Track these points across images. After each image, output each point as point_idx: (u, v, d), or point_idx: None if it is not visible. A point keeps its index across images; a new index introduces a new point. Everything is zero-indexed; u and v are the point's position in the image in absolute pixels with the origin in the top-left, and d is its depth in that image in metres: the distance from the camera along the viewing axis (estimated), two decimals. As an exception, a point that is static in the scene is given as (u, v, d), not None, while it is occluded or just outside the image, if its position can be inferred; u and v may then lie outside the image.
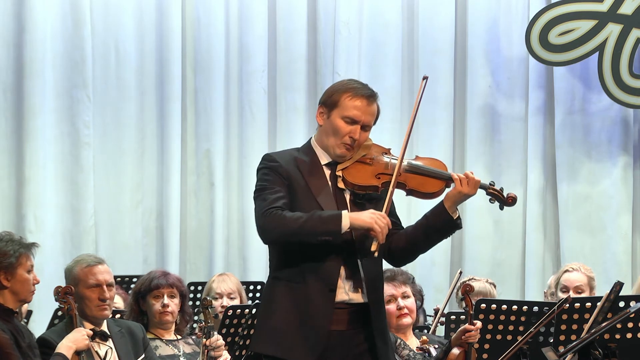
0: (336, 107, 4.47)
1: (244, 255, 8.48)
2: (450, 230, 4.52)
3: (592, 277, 6.56)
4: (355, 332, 4.45)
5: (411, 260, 4.70)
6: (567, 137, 8.70)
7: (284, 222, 4.32)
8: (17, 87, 8.19)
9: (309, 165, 4.48)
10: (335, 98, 4.49)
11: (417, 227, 4.53)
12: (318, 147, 4.53)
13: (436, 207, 4.49)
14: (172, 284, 5.83)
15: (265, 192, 4.40)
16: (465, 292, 5.51)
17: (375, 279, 4.50)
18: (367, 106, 4.48)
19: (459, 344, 5.48)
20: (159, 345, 5.74)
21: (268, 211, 4.34)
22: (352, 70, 8.56)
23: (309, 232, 4.33)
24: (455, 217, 4.47)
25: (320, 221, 4.32)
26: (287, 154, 4.57)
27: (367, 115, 4.48)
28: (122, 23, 8.38)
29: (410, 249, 4.57)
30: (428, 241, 4.55)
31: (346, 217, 4.31)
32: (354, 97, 4.47)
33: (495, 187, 4.52)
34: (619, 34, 8.45)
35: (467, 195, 4.46)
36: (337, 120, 4.46)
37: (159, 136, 8.43)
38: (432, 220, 4.48)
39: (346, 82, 4.57)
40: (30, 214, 8.13)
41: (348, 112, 4.45)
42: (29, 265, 4.91)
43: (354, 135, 4.45)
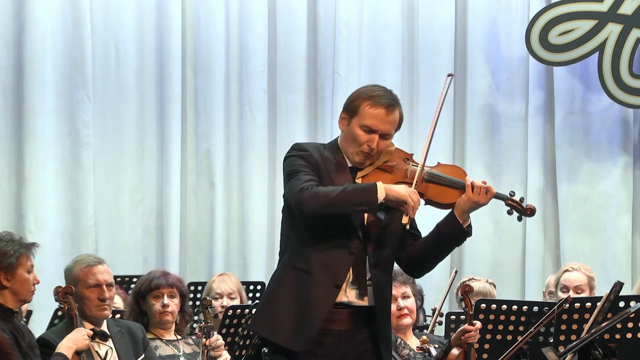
0: (356, 115, 4.45)
1: (244, 255, 8.48)
2: (460, 239, 4.50)
3: (592, 277, 6.57)
4: (356, 332, 4.45)
5: (428, 271, 4.68)
6: (567, 137, 8.69)
7: (320, 195, 4.30)
8: (17, 87, 8.19)
9: (335, 164, 4.47)
10: (355, 105, 4.46)
11: (429, 237, 4.54)
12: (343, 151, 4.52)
13: (447, 216, 4.48)
14: (172, 284, 5.83)
15: (300, 174, 4.39)
16: (464, 293, 5.51)
17: (385, 286, 4.49)
18: (385, 115, 4.44)
19: (458, 344, 5.48)
20: (159, 345, 5.74)
21: (304, 187, 4.33)
22: (352, 70, 8.57)
23: (346, 201, 4.30)
24: (465, 225, 4.45)
25: (355, 191, 4.30)
26: (314, 146, 4.56)
27: (385, 125, 4.44)
28: (122, 23, 8.38)
29: (424, 259, 4.58)
30: (440, 250, 4.55)
31: (382, 188, 4.28)
32: (373, 106, 4.43)
33: (514, 198, 4.50)
34: (619, 34, 8.45)
35: (477, 203, 4.43)
36: (355, 128, 4.44)
37: (159, 136, 8.43)
38: (443, 228, 4.48)
39: (369, 88, 4.51)
40: (30, 214, 8.13)
41: (366, 121, 4.43)
42: (29, 266, 4.91)
43: (371, 144, 4.44)
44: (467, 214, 4.46)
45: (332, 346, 4.41)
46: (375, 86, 4.54)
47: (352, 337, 4.44)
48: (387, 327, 4.54)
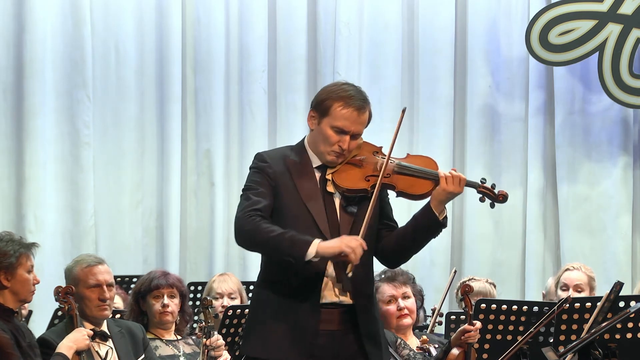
0: (326, 115, 4.42)
1: (244, 255, 8.47)
2: (436, 230, 4.47)
3: (592, 277, 6.57)
4: (348, 331, 4.43)
5: (404, 261, 4.67)
6: (567, 137, 8.69)
7: (255, 231, 4.33)
8: (17, 87, 8.19)
9: (300, 167, 4.46)
10: (326, 105, 4.42)
11: (405, 227, 4.52)
12: (310, 149, 4.50)
13: (423, 207, 4.46)
14: (172, 284, 5.83)
15: (249, 192, 4.39)
16: (464, 293, 5.51)
17: (362, 282, 4.46)
18: (357, 117, 4.42)
19: (458, 344, 5.49)
20: (159, 346, 5.74)
21: (246, 214, 4.34)
22: (352, 70, 8.56)
23: (275, 249, 4.35)
24: (441, 217, 4.43)
25: (289, 242, 4.30)
26: (279, 153, 4.54)
27: (356, 125, 4.43)
28: (122, 23, 8.38)
29: (400, 250, 4.54)
30: (416, 241, 4.52)
31: (314, 246, 4.26)
32: (344, 107, 4.40)
33: (485, 185, 4.49)
34: (619, 34, 8.45)
35: (452, 193, 4.42)
36: (326, 128, 4.42)
37: (159, 136, 8.43)
38: (419, 220, 4.46)
39: (340, 87, 4.47)
40: (30, 214, 8.13)
41: (337, 122, 4.41)
42: (29, 266, 4.91)
43: (342, 145, 4.42)
44: (443, 205, 4.44)
45: (325, 346, 4.40)
46: (345, 84, 4.50)
47: (344, 336, 4.43)
48: (371, 323, 4.49)
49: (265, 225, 4.33)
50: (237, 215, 4.40)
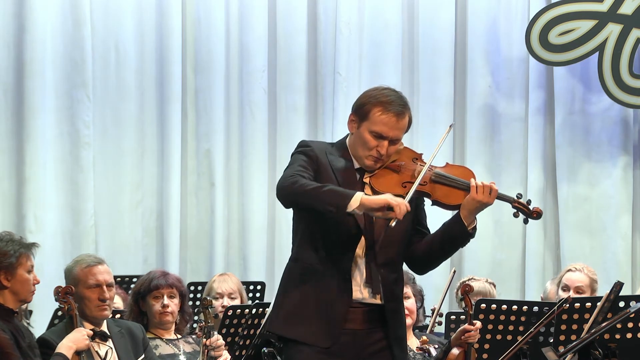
0: (366, 119, 4.44)
1: (244, 255, 8.48)
2: (464, 240, 4.49)
3: (594, 280, 6.55)
4: (370, 332, 4.44)
5: (431, 269, 4.69)
6: (567, 137, 8.69)
7: (298, 183, 4.29)
8: (17, 87, 8.19)
9: (342, 163, 4.47)
10: (366, 109, 4.44)
11: (434, 235, 4.54)
12: (350, 151, 4.51)
13: (453, 217, 4.47)
14: (172, 284, 5.83)
15: (293, 165, 4.40)
16: (464, 292, 5.51)
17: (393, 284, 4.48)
18: (396, 122, 4.44)
19: (458, 344, 5.49)
20: (159, 345, 5.74)
21: (290, 173, 4.34)
22: (352, 70, 8.57)
23: (317, 198, 4.27)
24: (470, 227, 4.43)
25: (332, 191, 4.26)
26: (321, 144, 4.57)
27: (395, 131, 4.44)
28: (122, 23, 8.37)
29: (428, 257, 4.57)
30: (443, 250, 4.54)
31: (357, 198, 4.22)
32: (384, 113, 4.42)
33: (520, 200, 4.48)
34: (619, 34, 8.45)
35: (482, 203, 4.41)
36: (365, 133, 4.44)
37: (159, 136, 8.42)
38: (448, 229, 4.48)
39: (380, 92, 4.49)
40: (30, 214, 8.13)
41: (376, 128, 4.42)
42: (29, 266, 4.91)
43: (380, 150, 4.43)
44: (474, 215, 4.44)
45: (347, 345, 4.41)
46: (386, 89, 4.51)
47: (366, 336, 4.44)
48: (400, 327, 4.53)
49: (309, 181, 4.31)
50: (283, 175, 4.38)
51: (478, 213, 4.45)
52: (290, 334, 4.44)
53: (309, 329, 4.39)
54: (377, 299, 4.43)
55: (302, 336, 4.40)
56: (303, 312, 4.40)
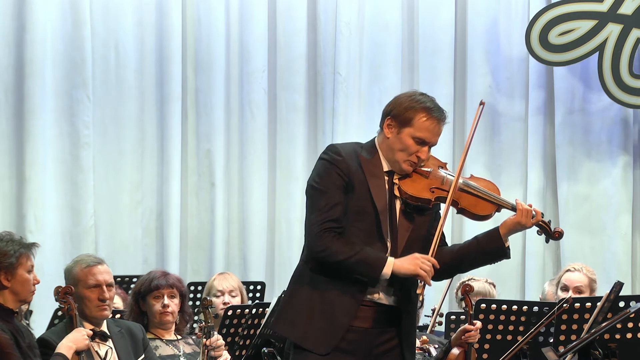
0: (409, 125, 4.46)
1: (244, 255, 8.48)
2: (497, 257, 4.55)
3: (593, 279, 6.56)
4: (380, 331, 4.45)
5: (449, 277, 4.83)
6: (567, 136, 8.69)
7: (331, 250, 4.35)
8: (17, 87, 8.19)
9: (372, 165, 4.48)
10: (409, 115, 4.46)
11: (465, 247, 4.57)
12: (382, 154, 4.52)
13: (490, 232, 4.52)
14: (172, 285, 5.83)
15: (322, 199, 4.40)
16: (464, 292, 5.51)
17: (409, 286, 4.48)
18: (438, 128, 4.50)
19: (458, 344, 5.49)
20: (159, 345, 5.74)
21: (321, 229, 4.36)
22: (352, 70, 8.57)
23: (350, 269, 4.36)
24: (506, 245, 4.50)
25: (363, 262, 4.32)
26: (350, 147, 4.55)
27: (435, 137, 4.51)
28: (122, 23, 8.38)
29: (453, 267, 4.59)
30: (473, 263, 4.59)
31: (389, 265, 4.31)
32: (429, 119, 4.47)
33: (544, 220, 4.55)
34: (619, 34, 8.45)
35: (525, 226, 4.49)
36: (407, 138, 4.45)
37: (159, 136, 8.43)
38: (483, 243, 4.51)
39: (420, 97, 4.52)
40: (30, 214, 8.13)
41: (420, 134, 4.46)
42: (29, 266, 4.91)
43: (421, 155, 4.47)
44: (509, 235, 4.51)
45: (355, 342, 4.41)
46: (423, 95, 4.55)
47: (375, 336, 4.44)
48: (412, 329, 4.56)
49: (338, 245, 4.36)
50: (309, 228, 4.42)
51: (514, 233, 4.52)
52: (290, 335, 4.46)
53: (312, 332, 4.39)
54: (390, 300, 4.44)
55: (300, 339, 4.41)
56: (306, 314, 4.41)
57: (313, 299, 4.41)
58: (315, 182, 4.46)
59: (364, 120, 8.57)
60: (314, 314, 4.40)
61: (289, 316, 4.46)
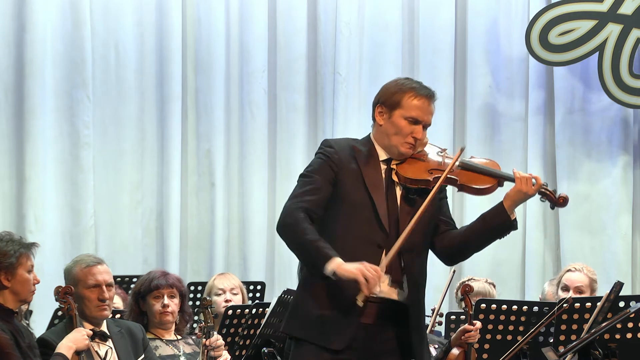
0: (398, 107, 4.48)
1: (244, 255, 8.48)
2: (505, 231, 4.51)
3: (594, 280, 6.56)
4: (382, 328, 4.44)
5: (462, 260, 4.77)
6: (567, 136, 8.70)
7: (294, 230, 4.37)
8: (17, 87, 8.19)
9: (366, 156, 4.50)
10: (396, 98, 4.49)
11: (472, 226, 4.55)
12: (377, 144, 4.54)
13: (495, 207, 4.51)
14: (172, 285, 5.83)
15: (306, 181, 4.46)
16: (464, 293, 5.52)
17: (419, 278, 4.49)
18: (428, 106, 4.51)
19: (458, 344, 5.49)
20: (159, 345, 5.74)
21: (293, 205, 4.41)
22: (352, 70, 8.57)
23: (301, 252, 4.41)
24: (513, 217, 4.48)
25: (315, 250, 4.33)
26: (345, 141, 4.61)
27: (427, 115, 4.51)
28: (122, 23, 8.37)
29: (463, 248, 4.58)
30: (481, 241, 4.56)
31: (333, 264, 4.28)
32: (416, 97, 4.49)
33: (548, 188, 4.53)
34: (619, 34, 8.45)
35: (527, 194, 4.48)
36: (399, 120, 4.48)
37: (159, 136, 8.42)
38: (489, 219, 4.50)
39: (404, 81, 4.56)
40: (30, 214, 8.13)
41: (411, 113, 4.47)
42: (29, 265, 4.91)
43: (417, 134, 4.48)
44: (515, 206, 4.49)
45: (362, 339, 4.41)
46: (407, 79, 4.59)
47: (379, 332, 4.44)
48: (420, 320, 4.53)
49: (304, 225, 4.36)
50: (287, 202, 4.46)
51: (519, 204, 4.50)
52: (306, 335, 4.44)
53: (325, 330, 4.38)
54: (396, 294, 4.42)
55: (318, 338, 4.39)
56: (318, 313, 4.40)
57: (323, 297, 4.40)
58: (305, 170, 4.52)
59: (364, 120, 8.55)
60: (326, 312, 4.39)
61: (302, 317, 4.45)
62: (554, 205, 4.55)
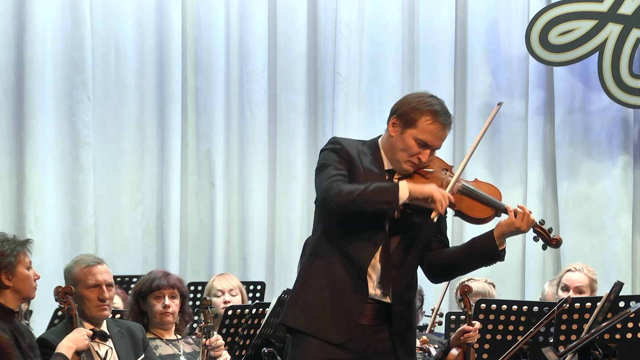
0: (412, 126, 4.44)
1: (244, 255, 8.48)
2: (492, 259, 4.52)
3: (594, 280, 6.55)
4: (377, 329, 4.44)
5: (447, 280, 4.86)
6: (567, 136, 8.70)
7: (344, 193, 4.31)
8: (17, 87, 8.19)
9: (372, 161, 4.49)
10: (414, 117, 4.44)
11: (461, 249, 4.56)
12: (384, 152, 4.52)
13: (485, 234, 4.50)
14: (174, 285, 5.83)
15: (328, 168, 4.42)
16: (463, 293, 5.52)
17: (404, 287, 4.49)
18: (442, 133, 4.47)
19: (458, 344, 5.49)
20: (159, 345, 5.74)
21: (330, 183, 4.35)
22: (352, 70, 8.57)
23: (368, 200, 4.32)
24: (501, 248, 4.47)
25: (378, 190, 4.31)
26: (352, 141, 4.58)
27: (439, 141, 4.48)
28: (122, 23, 8.38)
29: (449, 268, 4.58)
30: (468, 264, 4.57)
31: (404, 187, 4.30)
32: (433, 123, 4.44)
33: (543, 227, 4.54)
34: (619, 34, 8.45)
35: (519, 230, 4.46)
36: (409, 139, 4.44)
37: (159, 136, 8.43)
38: (477, 245, 4.50)
39: (428, 101, 4.50)
40: (30, 214, 8.13)
41: (423, 136, 4.44)
42: (27, 262, 4.91)
43: (422, 157, 4.46)
44: (505, 238, 4.48)
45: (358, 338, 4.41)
46: (432, 97, 4.53)
47: (374, 333, 4.44)
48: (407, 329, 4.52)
49: (347, 186, 4.34)
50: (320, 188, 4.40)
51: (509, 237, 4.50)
52: (304, 327, 4.43)
53: (325, 323, 4.39)
54: (387, 298, 4.44)
55: (317, 330, 4.40)
56: (319, 305, 4.41)
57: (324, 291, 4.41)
58: (319, 164, 4.49)
59: (364, 120, 8.57)
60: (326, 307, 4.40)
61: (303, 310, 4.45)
62: (547, 246, 4.56)
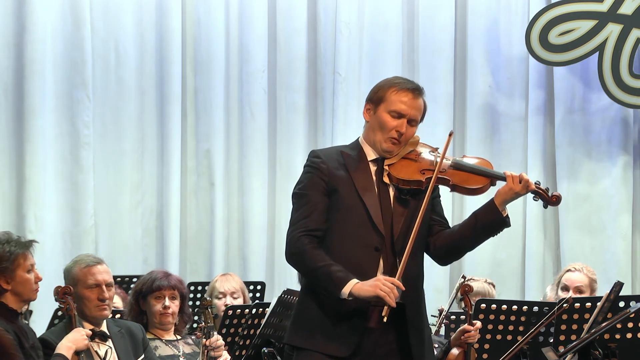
0: (382, 102, 4.50)
1: (244, 255, 8.48)
2: (498, 228, 4.52)
3: (594, 279, 6.56)
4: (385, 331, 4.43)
5: (456, 259, 4.78)
6: (567, 136, 8.70)
7: (302, 259, 4.40)
8: (17, 87, 8.19)
9: (355, 160, 4.50)
10: (380, 94, 4.52)
11: (464, 225, 4.55)
12: (365, 144, 4.55)
13: (486, 204, 4.50)
14: (174, 286, 5.84)
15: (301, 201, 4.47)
16: (464, 293, 5.52)
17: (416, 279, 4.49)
18: (412, 100, 4.50)
19: (458, 344, 5.49)
20: (159, 346, 5.74)
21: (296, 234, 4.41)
22: (352, 70, 8.57)
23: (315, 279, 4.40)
24: (504, 215, 4.48)
25: (327, 276, 4.34)
26: (333, 149, 4.64)
27: (413, 110, 4.50)
28: (122, 23, 8.37)
29: (456, 247, 4.58)
30: (475, 239, 4.56)
31: (349, 287, 4.30)
32: (399, 91, 4.49)
33: (540, 187, 4.54)
34: (619, 34, 8.45)
35: (518, 194, 4.48)
36: (383, 114, 4.49)
37: (159, 136, 8.42)
38: (481, 217, 4.50)
39: (391, 78, 4.60)
40: (30, 214, 8.13)
41: (394, 106, 4.48)
42: (28, 265, 4.91)
43: (400, 129, 4.48)
44: (506, 204, 4.49)
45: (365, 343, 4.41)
46: (396, 76, 4.64)
47: (381, 335, 4.43)
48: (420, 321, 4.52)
49: (312, 252, 4.39)
50: (288, 230, 4.47)
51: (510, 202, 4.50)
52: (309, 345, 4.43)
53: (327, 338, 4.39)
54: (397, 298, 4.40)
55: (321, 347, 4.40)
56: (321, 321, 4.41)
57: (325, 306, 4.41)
58: (297, 187, 4.53)
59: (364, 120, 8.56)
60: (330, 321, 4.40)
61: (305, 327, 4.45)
62: (547, 204, 4.56)
